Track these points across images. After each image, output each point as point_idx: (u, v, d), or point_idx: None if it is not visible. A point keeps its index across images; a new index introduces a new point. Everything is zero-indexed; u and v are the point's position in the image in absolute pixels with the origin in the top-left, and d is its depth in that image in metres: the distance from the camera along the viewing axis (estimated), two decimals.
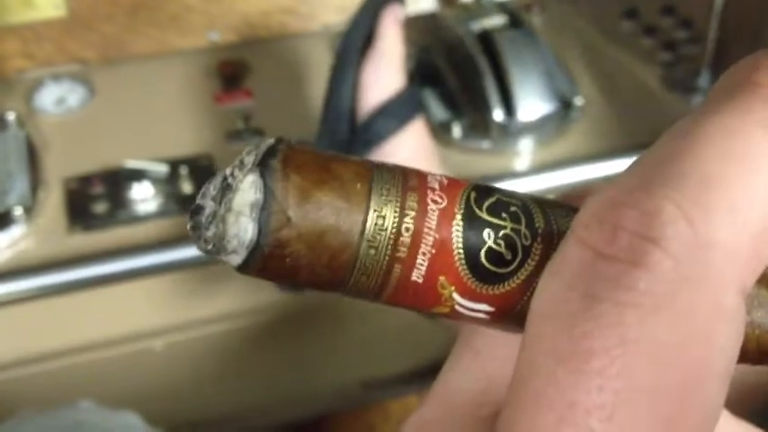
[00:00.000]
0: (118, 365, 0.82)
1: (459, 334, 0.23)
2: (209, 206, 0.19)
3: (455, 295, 0.19)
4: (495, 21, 0.88)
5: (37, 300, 0.76)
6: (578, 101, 0.88)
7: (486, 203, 0.19)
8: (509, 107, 0.84)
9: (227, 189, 0.19)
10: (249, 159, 0.19)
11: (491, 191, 0.20)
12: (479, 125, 0.87)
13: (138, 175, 0.82)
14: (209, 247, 0.19)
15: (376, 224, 0.19)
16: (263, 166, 0.19)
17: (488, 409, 0.21)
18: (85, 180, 0.83)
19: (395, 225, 0.19)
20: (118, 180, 0.83)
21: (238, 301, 0.81)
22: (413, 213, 0.19)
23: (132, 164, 0.83)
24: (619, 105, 0.92)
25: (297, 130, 0.89)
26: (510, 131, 0.85)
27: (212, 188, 0.20)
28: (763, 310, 0.19)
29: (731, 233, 0.17)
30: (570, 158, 0.85)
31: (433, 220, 0.19)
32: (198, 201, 0.20)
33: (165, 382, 0.87)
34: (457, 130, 0.87)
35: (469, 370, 0.22)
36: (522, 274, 0.19)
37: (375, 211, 0.19)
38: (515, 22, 0.89)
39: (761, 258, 0.17)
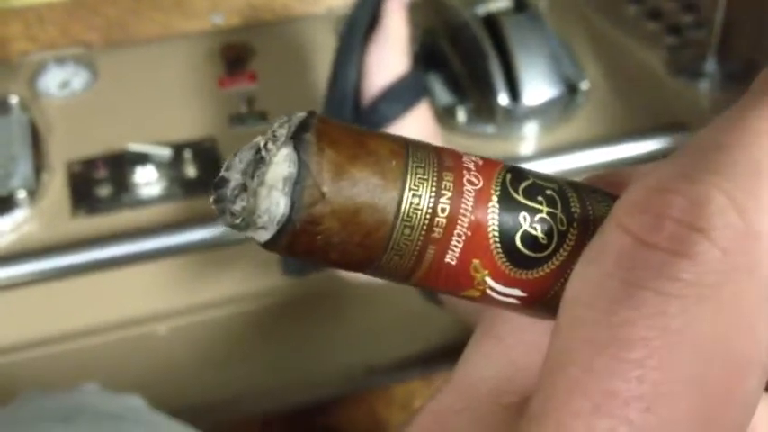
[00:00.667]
0: (121, 349, 0.82)
1: (479, 321, 0.22)
2: (234, 179, 0.19)
3: (488, 279, 0.19)
4: (501, 4, 0.88)
5: (40, 283, 0.76)
6: (584, 85, 0.87)
7: (523, 186, 0.19)
8: (514, 91, 0.84)
9: (260, 162, 0.18)
10: (282, 132, 0.18)
11: (527, 173, 0.20)
12: (484, 109, 0.86)
13: (141, 158, 0.82)
14: (237, 221, 0.19)
15: (411, 203, 0.18)
16: (297, 139, 0.18)
17: (512, 397, 0.20)
18: (89, 163, 0.83)
19: (431, 205, 0.18)
20: (121, 164, 0.83)
21: (242, 285, 0.81)
22: (449, 194, 0.18)
23: (136, 147, 0.83)
24: (624, 90, 0.91)
25: None
26: (515, 116, 0.85)
27: (239, 161, 0.19)
28: None
29: None
30: (575, 143, 0.85)
31: (469, 201, 0.19)
32: (222, 173, 0.19)
33: (168, 367, 0.87)
34: (461, 115, 0.87)
35: (492, 357, 0.21)
36: (557, 260, 0.19)
37: (411, 189, 0.18)
38: (520, 5, 0.88)
39: None
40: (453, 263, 0.19)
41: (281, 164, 0.18)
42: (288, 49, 0.98)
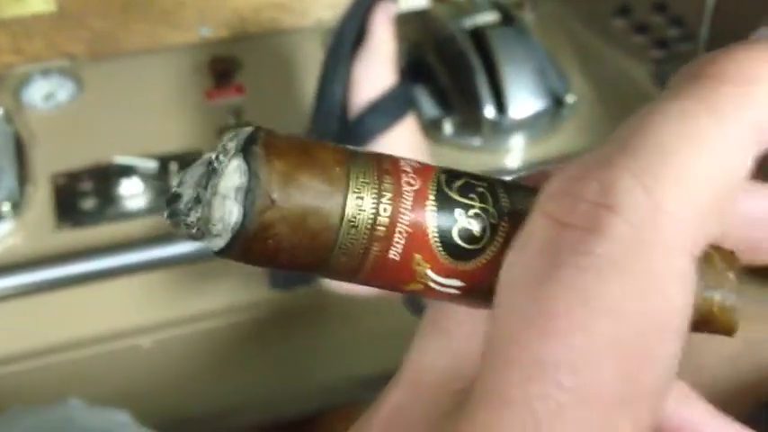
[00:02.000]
0: (106, 362, 0.82)
1: (424, 315, 0.24)
2: (187, 194, 0.20)
3: (429, 272, 0.21)
4: (487, 18, 0.88)
5: (24, 297, 0.75)
6: (570, 98, 0.87)
7: (456, 185, 0.21)
8: (500, 104, 0.84)
9: (212, 174, 0.20)
10: (231, 145, 0.20)
11: (460, 174, 0.21)
12: (470, 122, 0.86)
13: (127, 171, 0.82)
14: (193, 231, 0.20)
15: (355, 205, 0.20)
16: (246, 151, 0.19)
17: (459, 383, 0.21)
18: (74, 176, 0.83)
19: (373, 206, 0.20)
20: (107, 176, 0.82)
21: (227, 298, 0.81)
22: (389, 195, 0.20)
23: (121, 160, 0.83)
24: (610, 103, 0.92)
25: (288, 126, 0.88)
26: (501, 128, 0.85)
27: (189, 177, 0.20)
28: (701, 281, 0.21)
29: (679, 204, 0.18)
30: (561, 156, 0.85)
31: (408, 200, 0.20)
32: (175, 189, 0.20)
33: (153, 380, 0.87)
34: (448, 127, 0.87)
35: (438, 350, 0.23)
36: (491, 251, 0.21)
37: (354, 192, 0.20)
38: (507, 19, 0.88)
39: (705, 232, 0.19)
40: (397, 259, 0.20)
41: (233, 174, 0.19)
42: (275, 61, 0.98)
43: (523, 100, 0.84)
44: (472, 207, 0.21)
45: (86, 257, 0.75)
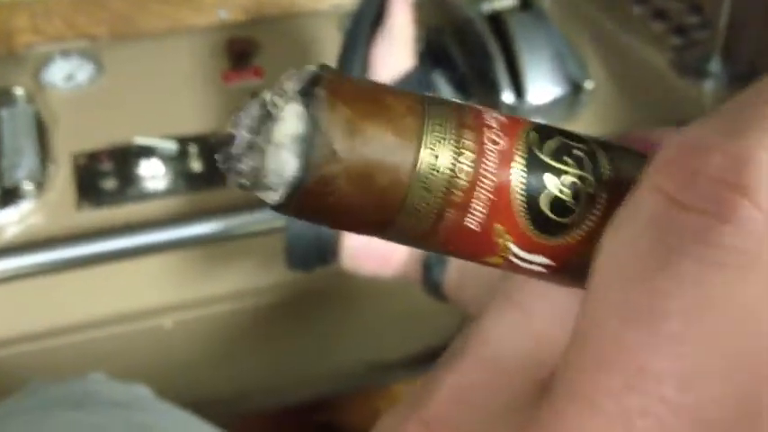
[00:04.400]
0: (126, 342, 0.83)
1: (498, 288, 0.21)
2: (241, 136, 0.17)
3: (511, 245, 0.18)
4: (506, 2, 0.88)
5: (45, 275, 0.76)
6: (588, 84, 0.87)
7: (549, 146, 0.18)
8: (519, 90, 0.84)
9: (266, 118, 0.17)
10: (290, 86, 0.17)
11: (553, 132, 0.18)
12: (488, 107, 0.86)
13: (147, 152, 0.82)
14: (244, 181, 0.18)
15: (429, 163, 0.17)
16: (306, 94, 0.17)
17: (540, 371, 0.19)
18: (94, 156, 0.84)
19: (450, 165, 0.17)
20: (127, 157, 0.83)
21: (247, 279, 0.81)
22: (469, 153, 0.17)
23: (141, 141, 0.83)
24: (629, 89, 0.92)
25: None
26: (519, 114, 0.85)
27: (245, 117, 0.18)
28: None
29: None
30: None
31: (490, 161, 0.17)
32: (229, 129, 0.18)
33: (172, 360, 0.88)
34: None
35: (515, 328, 0.20)
36: (586, 225, 0.18)
37: (428, 148, 0.17)
38: (526, 4, 0.88)
39: None
40: (474, 228, 0.18)
41: (290, 120, 0.17)
42: (293, 44, 0.98)
43: (542, 86, 0.84)
44: (566, 173, 0.18)
45: (107, 237, 0.76)
